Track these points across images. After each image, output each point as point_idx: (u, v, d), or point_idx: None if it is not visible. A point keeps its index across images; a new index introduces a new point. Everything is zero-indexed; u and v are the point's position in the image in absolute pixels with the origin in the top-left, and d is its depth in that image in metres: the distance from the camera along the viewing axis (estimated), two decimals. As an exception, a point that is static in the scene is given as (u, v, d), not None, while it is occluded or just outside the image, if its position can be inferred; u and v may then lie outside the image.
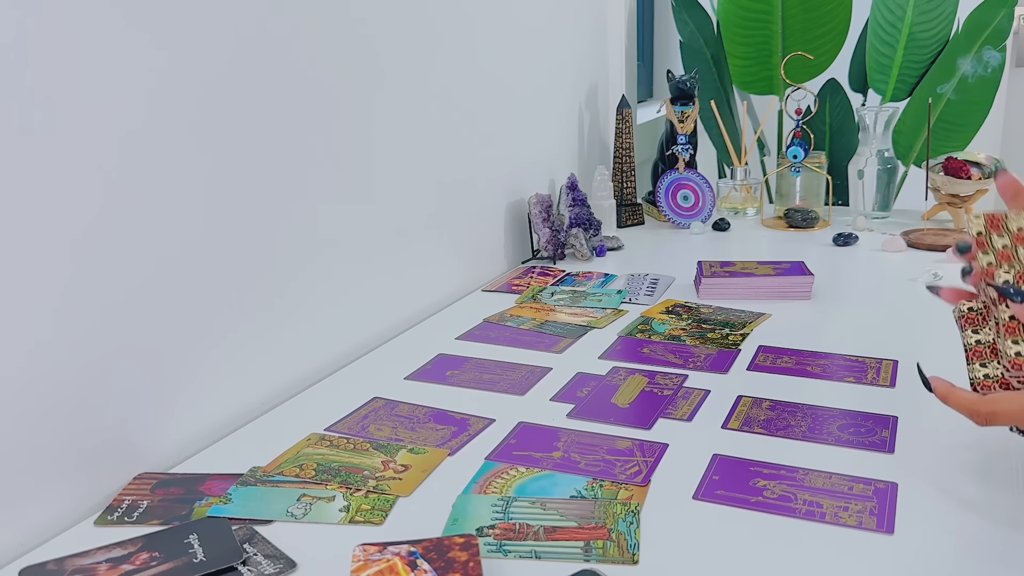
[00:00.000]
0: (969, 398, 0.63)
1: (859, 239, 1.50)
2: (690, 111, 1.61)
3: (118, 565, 0.63)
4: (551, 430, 0.83)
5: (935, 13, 1.78)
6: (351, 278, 1.05)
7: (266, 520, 0.69)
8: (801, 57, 1.66)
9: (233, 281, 0.87)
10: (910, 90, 1.83)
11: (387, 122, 1.09)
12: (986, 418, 0.62)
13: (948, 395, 0.65)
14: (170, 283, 0.79)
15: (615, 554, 0.63)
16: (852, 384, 0.91)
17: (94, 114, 0.70)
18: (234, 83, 0.84)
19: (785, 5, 1.81)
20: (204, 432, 0.84)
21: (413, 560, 0.59)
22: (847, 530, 0.65)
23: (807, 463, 0.74)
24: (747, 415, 0.84)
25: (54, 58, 0.66)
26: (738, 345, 1.03)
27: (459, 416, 0.87)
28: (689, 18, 1.97)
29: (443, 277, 1.25)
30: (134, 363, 0.76)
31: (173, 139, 0.78)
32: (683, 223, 1.63)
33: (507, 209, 1.42)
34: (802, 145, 1.56)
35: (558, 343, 1.06)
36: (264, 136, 0.89)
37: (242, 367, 0.89)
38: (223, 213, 0.84)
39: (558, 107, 1.61)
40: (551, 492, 0.72)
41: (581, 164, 1.72)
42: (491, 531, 0.66)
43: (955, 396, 0.64)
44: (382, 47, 1.07)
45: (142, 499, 0.73)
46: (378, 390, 0.93)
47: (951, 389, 0.65)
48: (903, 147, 1.84)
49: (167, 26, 0.76)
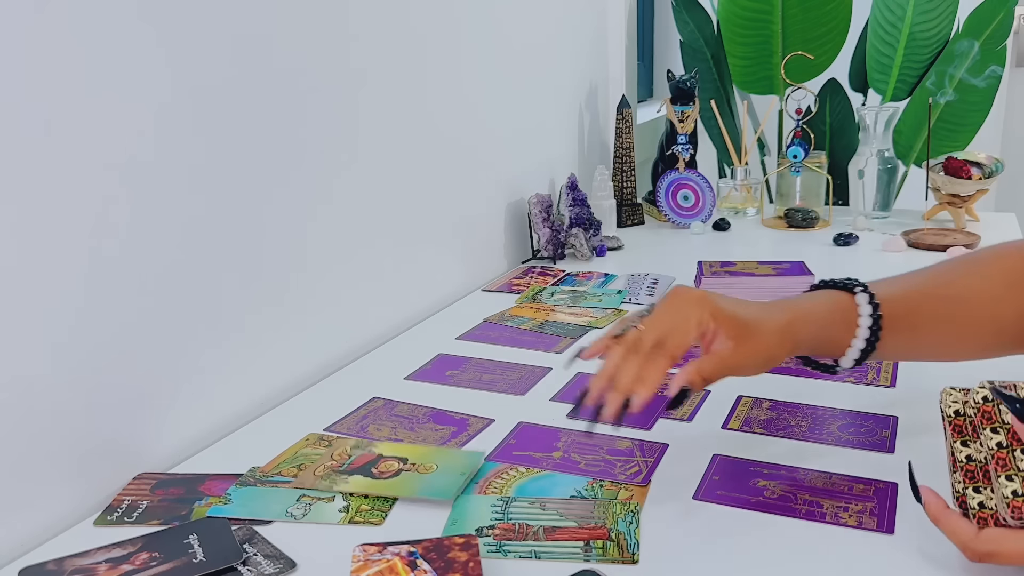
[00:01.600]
0: (965, 532, 0.57)
1: (859, 239, 1.50)
2: (690, 111, 1.61)
3: (118, 565, 0.63)
4: (551, 430, 0.83)
5: (935, 13, 1.78)
6: (351, 278, 1.05)
7: (266, 520, 0.69)
8: (801, 57, 1.66)
9: (232, 281, 0.87)
10: (910, 90, 1.83)
11: (387, 122, 1.09)
12: (981, 557, 0.56)
13: (940, 518, 0.58)
14: (169, 283, 0.79)
15: (615, 554, 0.63)
16: (852, 384, 0.91)
17: (93, 116, 0.70)
18: (229, 86, 0.84)
19: (785, 5, 1.81)
20: (204, 432, 0.84)
21: (413, 560, 0.59)
22: (847, 530, 0.65)
23: (807, 463, 0.74)
24: (747, 415, 0.84)
25: (58, 67, 0.66)
26: (738, 345, 1.03)
27: (459, 416, 0.86)
28: (689, 18, 1.97)
29: (443, 277, 1.25)
30: (134, 363, 0.76)
31: (173, 139, 0.78)
32: (683, 223, 1.63)
33: (507, 209, 1.42)
34: (802, 145, 1.56)
35: (558, 343, 1.06)
36: (265, 136, 0.89)
37: (242, 367, 0.89)
38: (222, 213, 0.84)
39: (558, 107, 1.61)
40: (551, 492, 0.72)
41: (581, 164, 1.72)
42: (491, 531, 0.66)
43: (948, 523, 0.58)
44: (381, 47, 1.07)
45: (142, 499, 0.73)
46: (378, 390, 0.93)
47: (945, 512, 0.58)
48: (903, 147, 1.84)
49: (162, 32, 0.76)
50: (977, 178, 1.49)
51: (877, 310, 0.71)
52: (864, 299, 0.71)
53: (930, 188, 1.54)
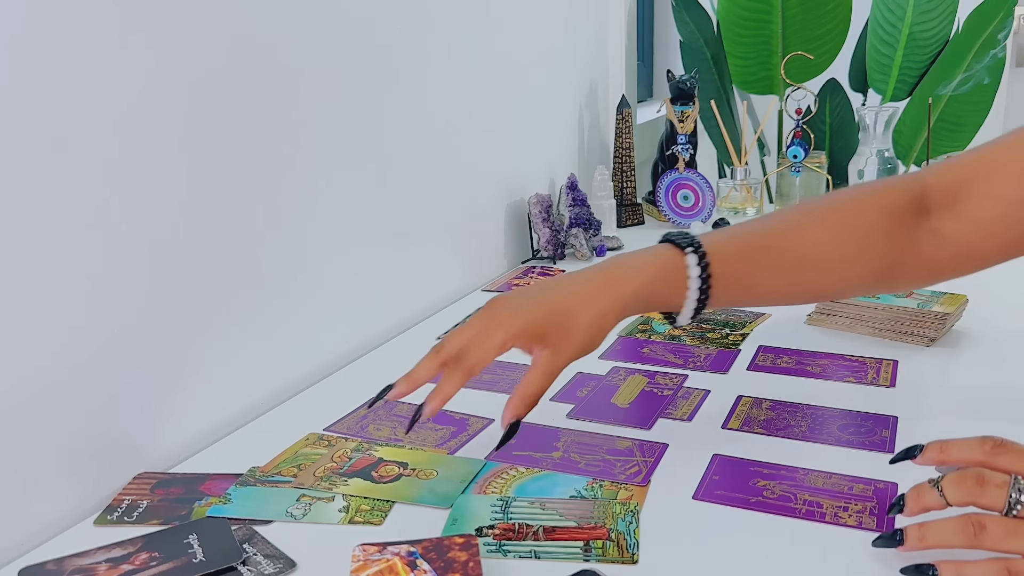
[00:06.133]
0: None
1: (859, 239, 1.50)
2: (690, 111, 1.61)
3: (118, 565, 0.63)
4: (551, 430, 0.83)
5: (935, 13, 1.78)
6: (351, 278, 1.05)
7: (266, 520, 0.69)
8: (801, 57, 1.66)
9: (232, 281, 0.87)
10: (910, 90, 1.83)
11: (386, 122, 1.09)
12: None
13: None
14: (169, 283, 0.79)
15: (615, 554, 0.63)
16: (852, 384, 0.91)
17: (93, 115, 0.70)
18: (226, 84, 0.84)
19: (785, 5, 1.81)
20: (204, 432, 0.84)
21: (413, 560, 0.59)
22: (847, 530, 0.65)
23: (807, 463, 0.74)
24: (747, 415, 0.84)
25: (50, 70, 0.66)
26: (738, 345, 1.03)
27: (459, 416, 0.86)
28: (689, 18, 1.97)
29: (443, 277, 1.25)
30: (133, 363, 0.76)
31: (171, 139, 0.78)
32: (683, 223, 1.63)
33: (507, 209, 1.42)
34: (802, 145, 1.56)
35: (558, 343, 1.06)
36: (265, 136, 0.89)
37: (242, 367, 0.89)
38: (222, 213, 0.84)
39: (558, 107, 1.61)
40: (551, 492, 0.72)
41: (581, 164, 1.72)
42: (491, 531, 0.66)
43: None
44: (380, 47, 1.07)
45: (142, 499, 0.73)
46: (378, 390, 0.93)
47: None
48: (903, 147, 1.85)
49: (157, 29, 0.76)
50: (977, 178, 1.49)
51: (706, 270, 0.72)
52: (693, 260, 0.72)
53: (930, 188, 1.54)
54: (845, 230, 0.75)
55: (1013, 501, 0.53)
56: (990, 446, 0.57)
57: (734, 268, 0.73)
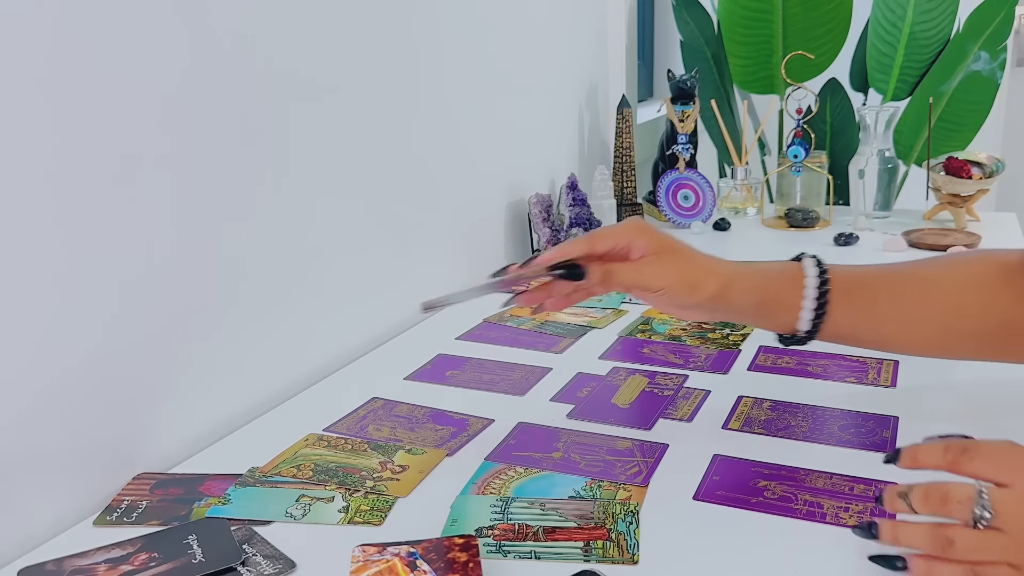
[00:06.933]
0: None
1: (860, 239, 1.50)
2: (690, 110, 1.60)
3: (117, 565, 0.63)
4: (551, 430, 0.83)
5: (936, 12, 1.78)
6: (351, 278, 1.05)
7: (265, 521, 0.69)
8: (802, 56, 1.66)
9: (232, 281, 0.86)
10: (911, 89, 1.83)
11: (387, 122, 1.09)
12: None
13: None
14: (169, 283, 0.79)
15: (615, 554, 0.63)
16: (853, 384, 0.90)
17: (92, 114, 0.70)
18: (228, 85, 0.84)
19: (786, 4, 1.81)
20: (203, 432, 0.84)
21: (412, 561, 0.59)
22: (848, 531, 0.64)
23: (808, 463, 0.74)
24: (748, 415, 0.84)
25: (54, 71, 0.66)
26: (739, 345, 1.03)
27: (458, 416, 0.86)
28: (689, 17, 1.97)
29: (443, 277, 1.25)
30: (133, 363, 0.76)
31: (170, 138, 0.78)
32: (683, 223, 1.63)
33: (507, 209, 1.42)
34: (803, 145, 1.56)
35: (558, 343, 1.06)
36: (265, 136, 0.89)
37: (242, 367, 0.89)
38: (222, 213, 0.84)
39: (558, 107, 1.61)
40: (550, 492, 0.71)
41: (581, 164, 1.71)
42: (491, 532, 0.66)
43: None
44: (379, 47, 1.07)
45: (141, 499, 0.73)
46: (377, 390, 0.93)
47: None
48: (904, 147, 1.84)
49: (164, 30, 0.76)
50: (978, 178, 1.49)
51: (824, 274, 0.74)
52: (811, 263, 0.74)
53: (931, 188, 1.54)
54: (963, 269, 0.76)
55: (977, 516, 0.53)
56: (953, 455, 0.55)
57: (851, 281, 0.75)
